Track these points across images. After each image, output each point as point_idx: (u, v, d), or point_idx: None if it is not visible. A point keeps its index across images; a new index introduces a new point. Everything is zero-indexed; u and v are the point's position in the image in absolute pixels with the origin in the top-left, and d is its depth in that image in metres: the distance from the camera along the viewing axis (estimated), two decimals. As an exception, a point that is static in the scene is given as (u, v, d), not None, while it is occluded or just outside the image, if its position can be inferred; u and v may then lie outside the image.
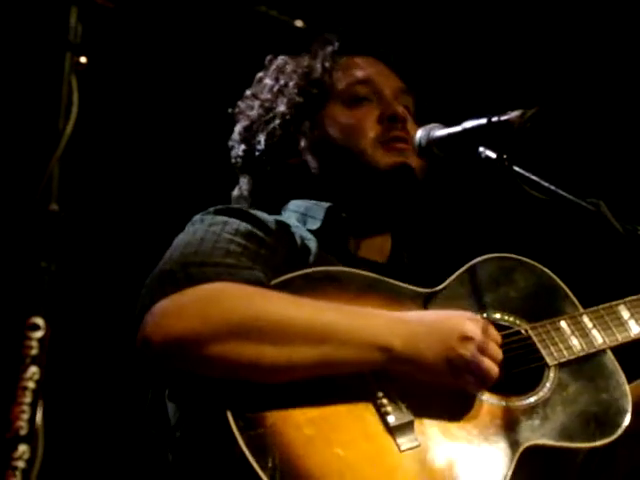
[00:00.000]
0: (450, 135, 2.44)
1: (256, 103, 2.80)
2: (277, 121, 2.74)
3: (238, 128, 2.83)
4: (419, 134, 2.52)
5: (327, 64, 2.74)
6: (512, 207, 3.52)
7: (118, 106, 3.76)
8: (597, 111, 4.06)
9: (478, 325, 2.30)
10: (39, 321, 1.60)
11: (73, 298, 3.34)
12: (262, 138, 2.76)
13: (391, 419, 2.20)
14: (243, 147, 2.80)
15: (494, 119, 2.29)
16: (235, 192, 2.84)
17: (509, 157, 2.26)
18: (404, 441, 2.19)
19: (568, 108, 3.83)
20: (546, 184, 2.24)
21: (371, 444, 2.18)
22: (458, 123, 2.41)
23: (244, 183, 2.82)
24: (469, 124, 2.37)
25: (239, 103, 2.85)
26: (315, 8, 3.41)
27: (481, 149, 2.31)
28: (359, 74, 2.76)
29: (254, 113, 2.79)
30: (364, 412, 2.20)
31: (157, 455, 2.38)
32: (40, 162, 1.66)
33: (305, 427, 2.13)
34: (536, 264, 2.62)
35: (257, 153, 2.77)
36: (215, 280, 2.21)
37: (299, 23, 1.90)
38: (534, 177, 2.25)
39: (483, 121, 2.31)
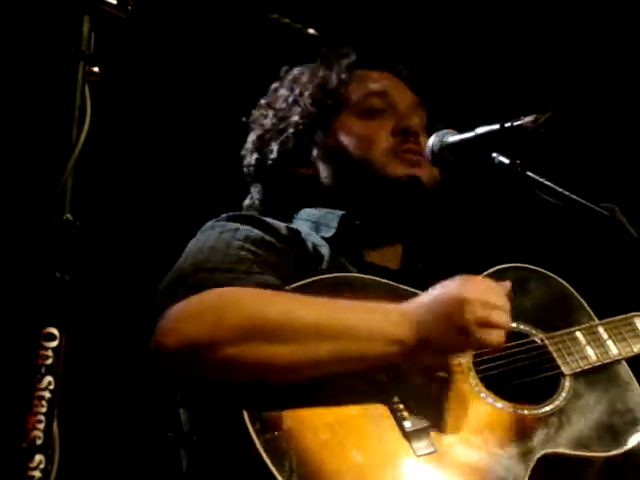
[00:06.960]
0: (463, 141, 2.44)
1: (270, 112, 2.81)
2: (290, 130, 2.75)
3: (251, 137, 2.84)
4: (432, 140, 2.52)
5: (343, 76, 2.76)
6: (526, 212, 3.52)
7: (131, 115, 3.77)
8: (611, 115, 4.05)
9: (472, 285, 2.26)
10: (54, 331, 1.60)
11: (88, 308, 3.34)
12: (275, 147, 2.77)
13: (407, 424, 2.20)
14: (256, 156, 2.82)
15: (507, 124, 2.29)
16: (246, 201, 2.85)
17: (523, 162, 2.26)
18: (420, 446, 2.18)
19: (582, 113, 3.82)
20: (560, 189, 2.24)
21: (387, 449, 2.17)
22: (471, 129, 2.40)
23: (255, 192, 2.83)
24: (482, 130, 2.37)
25: (253, 112, 2.87)
26: (327, 16, 3.42)
27: (494, 155, 2.32)
28: (374, 86, 2.77)
29: (268, 122, 2.80)
30: (380, 417, 2.20)
31: (172, 460, 2.39)
32: (54, 172, 1.66)
33: (322, 431, 2.12)
34: (551, 274, 2.63)
35: (269, 162, 2.78)
36: (226, 285, 2.22)
37: (312, 31, 1.90)
38: (548, 182, 2.25)
39: (496, 126, 2.31)
